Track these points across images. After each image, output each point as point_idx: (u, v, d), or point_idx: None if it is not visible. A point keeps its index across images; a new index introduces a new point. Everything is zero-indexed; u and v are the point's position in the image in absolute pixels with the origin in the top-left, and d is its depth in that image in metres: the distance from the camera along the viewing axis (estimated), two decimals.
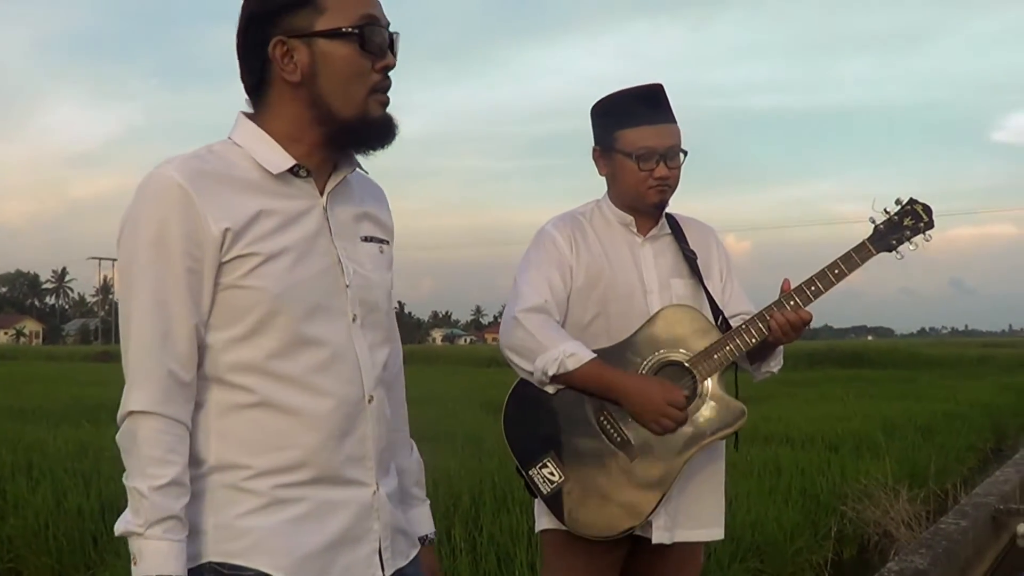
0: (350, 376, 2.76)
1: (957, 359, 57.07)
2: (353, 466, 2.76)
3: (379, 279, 2.92)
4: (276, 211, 2.67)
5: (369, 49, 2.70)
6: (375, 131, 2.77)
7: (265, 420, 2.66)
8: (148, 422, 2.54)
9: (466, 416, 18.73)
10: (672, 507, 4.28)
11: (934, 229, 4.32)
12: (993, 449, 19.51)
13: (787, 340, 4.22)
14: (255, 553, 2.62)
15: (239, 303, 2.62)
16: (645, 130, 4.28)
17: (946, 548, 8.81)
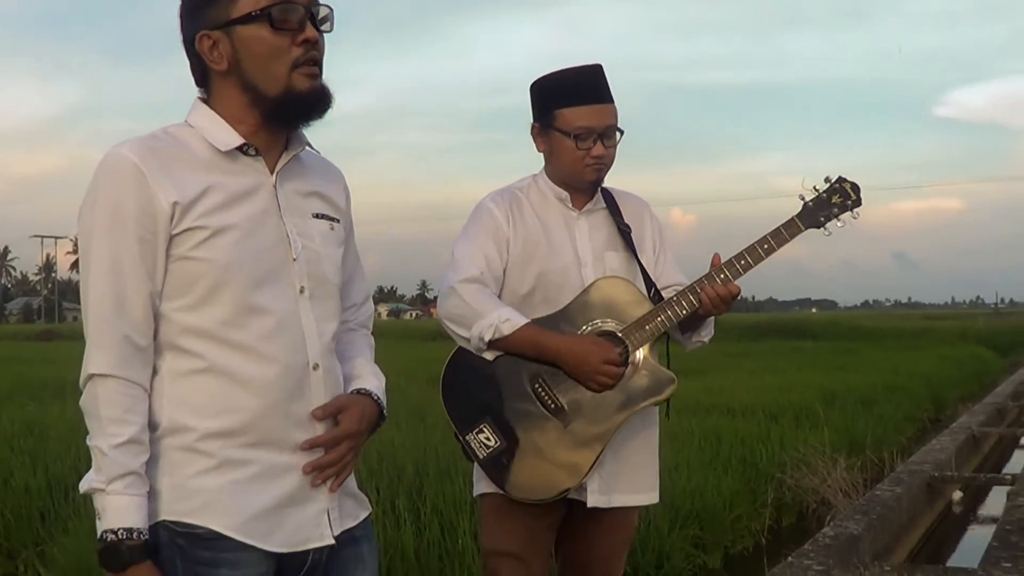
0: (295, 345, 2.90)
1: (899, 331, 57.47)
2: (300, 430, 2.90)
3: (329, 254, 3.05)
4: (224, 187, 2.82)
5: (281, 27, 2.83)
6: (305, 104, 2.90)
7: (214, 385, 2.80)
8: (107, 384, 2.70)
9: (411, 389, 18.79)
10: (607, 472, 4.40)
11: (861, 207, 4.44)
12: (931, 419, 19.74)
13: (717, 312, 4.35)
14: (206, 512, 2.76)
15: (189, 273, 2.77)
16: (583, 110, 4.37)
17: (880, 514, 8.97)
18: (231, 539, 2.78)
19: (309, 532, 2.91)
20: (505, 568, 4.46)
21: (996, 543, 7.93)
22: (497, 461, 4.27)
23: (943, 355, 33.60)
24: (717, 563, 9.60)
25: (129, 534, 2.66)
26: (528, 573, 4.45)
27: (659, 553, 8.17)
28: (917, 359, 31.27)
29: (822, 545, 7.67)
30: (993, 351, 42.82)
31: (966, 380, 27.60)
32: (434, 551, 7.58)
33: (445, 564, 7.41)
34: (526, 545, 4.44)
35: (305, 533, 2.90)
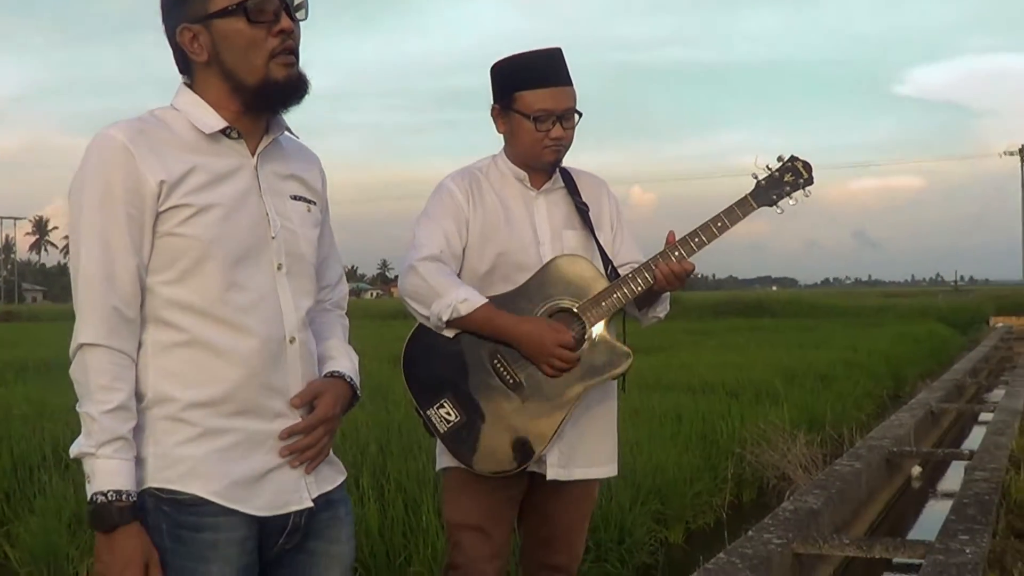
0: (273, 318, 3.06)
1: (858, 309, 57.89)
2: (277, 399, 3.06)
3: (305, 234, 3.22)
4: (208, 168, 2.98)
5: (257, 19, 2.99)
6: (282, 91, 3.07)
7: (196, 357, 2.96)
8: (96, 353, 2.84)
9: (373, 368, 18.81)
10: (566, 446, 4.50)
11: (813, 185, 4.55)
12: (891, 395, 19.80)
13: (671, 288, 4.44)
14: (190, 479, 2.92)
15: (174, 249, 2.93)
16: (543, 92, 4.45)
17: (839, 489, 9.06)
18: (214, 504, 2.93)
19: (289, 496, 3.07)
20: (468, 540, 4.56)
21: (953, 516, 8.02)
22: (457, 435, 4.38)
23: (902, 332, 33.78)
24: (679, 538, 9.66)
25: (118, 496, 2.80)
26: (491, 545, 4.56)
27: (621, 528, 8.22)
28: (876, 336, 31.44)
29: (782, 519, 7.75)
30: (952, 328, 43.10)
31: (925, 357, 27.77)
32: (398, 528, 7.63)
33: (409, 540, 7.46)
34: (488, 518, 4.54)
35: (285, 497, 3.06)
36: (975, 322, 51.77)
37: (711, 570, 6.32)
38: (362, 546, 7.48)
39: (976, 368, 24.32)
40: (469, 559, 4.56)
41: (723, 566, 6.40)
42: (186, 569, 2.91)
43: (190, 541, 2.91)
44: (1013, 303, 63.37)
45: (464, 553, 4.57)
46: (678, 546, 9.55)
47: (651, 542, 8.81)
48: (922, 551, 7.24)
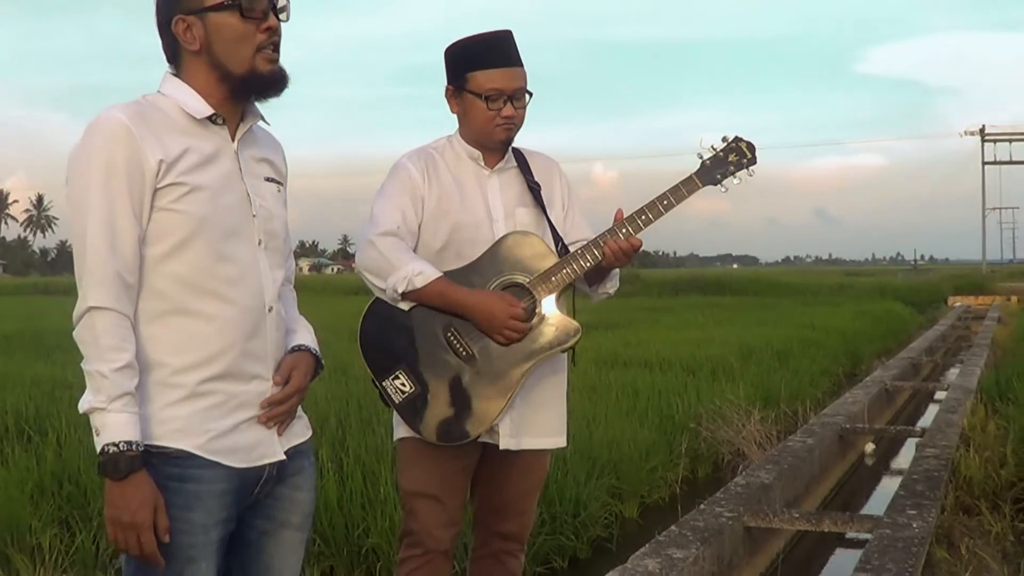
0: (255, 289, 3.35)
1: (818, 287, 58.12)
2: (256, 363, 3.35)
3: (278, 212, 3.52)
4: (199, 149, 3.25)
5: (249, 16, 3.26)
6: (265, 83, 3.36)
7: (185, 324, 3.24)
8: (104, 316, 3.09)
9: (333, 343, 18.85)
10: (517, 417, 4.66)
11: (756, 165, 4.71)
12: (847, 373, 19.95)
13: (619, 264, 4.59)
14: (177, 435, 3.21)
15: (169, 223, 3.18)
16: (494, 72, 4.60)
17: (792, 464, 9.19)
18: (199, 457, 3.22)
19: (264, 450, 3.37)
20: (423, 508, 4.71)
21: (902, 492, 8.15)
22: (412, 406, 4.53)
23: (860, 311, 33.98)
24: (633, 512, 9.75)
25: (129, 446, 3.07)
26: (445, 512, 4.71)
27: (576, 502, 8.30)
28: (834, 315, 31.65)
29: (734, 493, 7.88)
30: (910, 307, 43.27)
31: (882, 336, 27.90)
32: (357, 500, 7.70)
33: (367, 512, 7.54)
34: (443, 486, 4.70)
35: (261, 451, 3.36)
36: (933, 301, 52.04)
37: (662, 542, 6.45)
38: (321, 518, 7.57)
39: (932, 347, 24.48)
40: (424, 526, 4.71)
41: (674, 538, 6.53)
42: (171, 517, 3.14)
43: (176, 491, 3.17)
44: (971, 283, 63.77)
45: (419, 520, 4.72)
46: (632, 520, 9.64)
47: (606, 516, 8.90)
48: (870, 525, 7.38)
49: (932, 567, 7.26)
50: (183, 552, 3.18)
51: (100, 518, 7.51)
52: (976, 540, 7.93)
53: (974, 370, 17.34)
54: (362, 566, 7.46)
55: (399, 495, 5.04)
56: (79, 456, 8.71)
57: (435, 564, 4.74)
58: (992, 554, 7.62)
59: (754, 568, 7.75)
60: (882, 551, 6.44)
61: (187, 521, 3.18)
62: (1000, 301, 50.81)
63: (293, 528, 3.53)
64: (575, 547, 8.21)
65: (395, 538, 5.88)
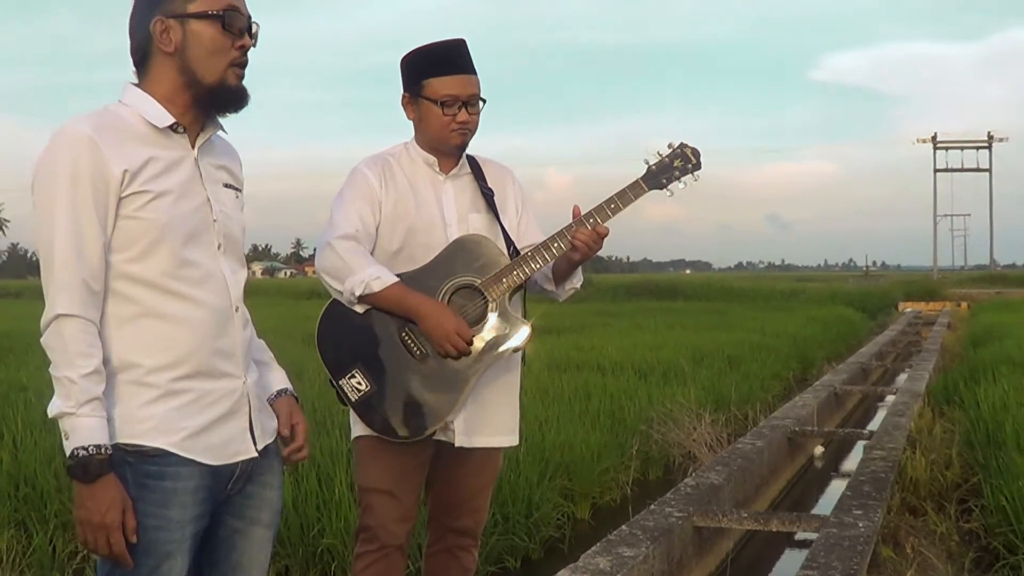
0: (220, 291, 3.45)
1: (770, 293, 58.23)
2: (225, 362, 3.45)
3: (236, 217, 3.61)
4: (161, 158, 3.33)
5: (230, 30, 3.38)
6: (231, 97, 3.47)
7: (155, 327, 3.32)
8: (72, 323, 3.17)
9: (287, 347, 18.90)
10: (470, 415, 4.80)
11: (701, 170, 4.87)
12: (797, 378, 20.02)
13: (590, 253, 4.75)
14: (153, 434, 3.28)
15: (133, 230, 3.26)
16: (449, 79, 4.74)
17: (741, 466, 9.30)
18: (174, 455, 3.30)
19: (237, 447, 3.46)
20: (379, 504, 4.82)
21: (849, 493, 8.27)
22: (368, 404, 4.65)
23: (811, 316, 34.06)
24: (585, 513, 9.83)
25: (98, 450, 3.13)
26: (400, 508, 4.83)
27: (529, 503, 8.38)
28: (785, 320, 31.74)
29: (684, 494, 7.99)
30: (861, 312, 43.40)
31: (833, 340, 27.99)
32: (312, 501, 7.75)
33: (323, 513, 7.59)
34: (398, 482, 4.81)
35: (234, 448, 3.45)
36: (884, 307, 52.32)
37: (613, 541, 6.54)
38: None
39: (883, 351, 24.68)
40: (379, 521, 4.82)
41: (625, 537, 6.63)
42: (148, 513, 3.24)
43: (153, 488, 3.26)
44: (922, 288, 64.27)
45: (375, 516, 4.83)
46: (584, 521, 9.72)
47: (558, 517, 8.97)
48: (817, 525, 7.50)
49: (878, 566, 7.37)
50: (160, 548, 3.25)
51: (57, 520, 7.59)
52: (921, 539, 8.04)
53: (923, 374, 17.51)
54: (317, 566, 7.52)
55: (355, 491, 5.14)
56: (35, 459, 8.73)
57: (390, 559, 4.85)
58: (937, 553, 7.74)
59: (704, 567, 7.86)
60: (828, 550, 6.55)
61: (164, 518, 3.26)
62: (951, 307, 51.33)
63: (263, 526, 3.63)
64: (528, 547, 8.29)
65: (350, 538, 5.95)
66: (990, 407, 11.14)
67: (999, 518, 7.83)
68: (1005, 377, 13.27)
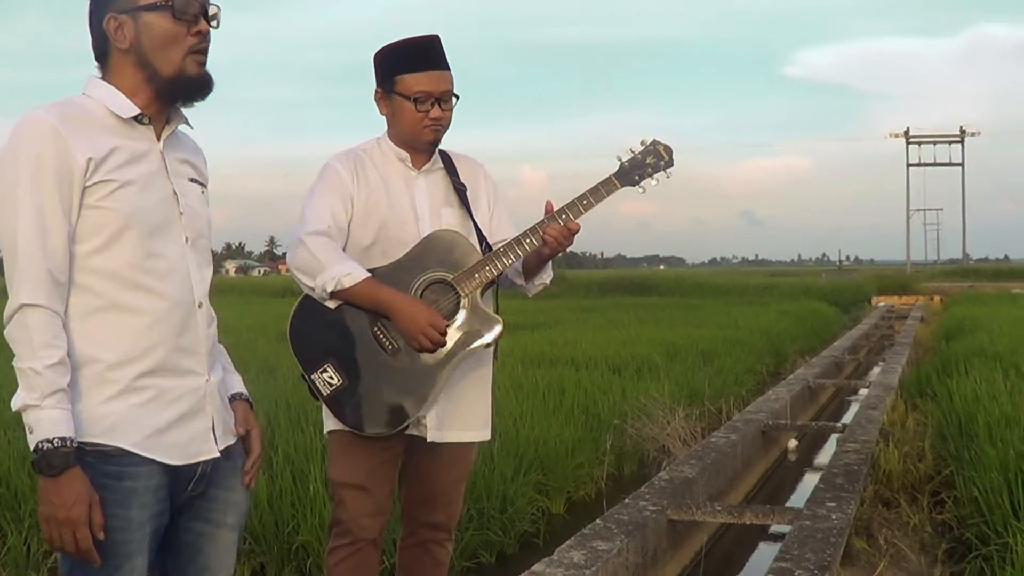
0: (184, 285, 3.39)
1: (743, 288, 58.36)
2: (188, 358, 3.40)
3: (202, 212, 3.56)
4: (126, 148, 3.28)
5: (181, 18, 3.31)
6: (192, 85, 3.41)
7: (117, 320, 3.26)
8: (36, 313, 3.12)
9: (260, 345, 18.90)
10: (442, 410, 4.82)
11: (674, 168, 4.90)
12: (771, 372, 20.06)
13: (561, 248, 4.77)
14: (113, 432, 3.23)
15: (98, 220, 3.21)
16: (422, 75, 4.75)
17: (715, 459, 9.33)
18: (135, 454, 3.26)
19: (199, 447, 3.42)
20: (351, 497, 4.84)
21: (822, 485, 8.30)
22: (340, 398, 4.67)
23: (785, 311, 34.10)
24: (560, 508, 9.85)
25: (63, 442, 3.08)
26: (373, 502, 4.85)
27: (503, 498, 8.39)
28: (759, 314, 31.76)
29: (657, 487, 8.01)
30: (834, 307, 43.53)
31: (806, 335, 28.05)
32: (286, 498, 7.75)
33: (297, 510, 7.60)
34: (370, 476, 4.83)
35: (196, 447, 3.40)
36: (857, 301, 52.45)
37: (587, 535, 6.56)
38: (251, 516, 7.61)
39: (856, 345, 24.78)
40: (352, 516, 4.84)
41: (599, 531, 6.65)
42: (109, 514, 3.17)
43: (114, 489, 3.19)
44: (895, 282, 64.35)
45: (348, 510, 4.85)
46: (559, 516, 9.74)
47: (532, 511, 8.99)
48: (790, 517, 7.54)
49: (851, 557, 7.41)
50: (121, 549, 3.20)
51: (32, 519, 7.57)
52: (894, 531, 8.08)
53: (896, 368, 17.56)
54: (292, 563, 7.53)
55: (328, 486, 5.15)
56: (9, 457, 8.69)
57: (364, 553, 4.87)
58: (910, 545, 7.77)
59: (678, 561, 7.89)
60: (801, 542, 6.58)
61: (124, 518, 3.20)
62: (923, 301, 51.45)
63: (229, 528, 3.58)
64: (503, 542, 8.31)
65: (324, 534, 5.96)
66: (962, 399, 11.18)
67: (971, 509, 7.86)
68: (977, 370, 13.33)
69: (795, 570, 5.99)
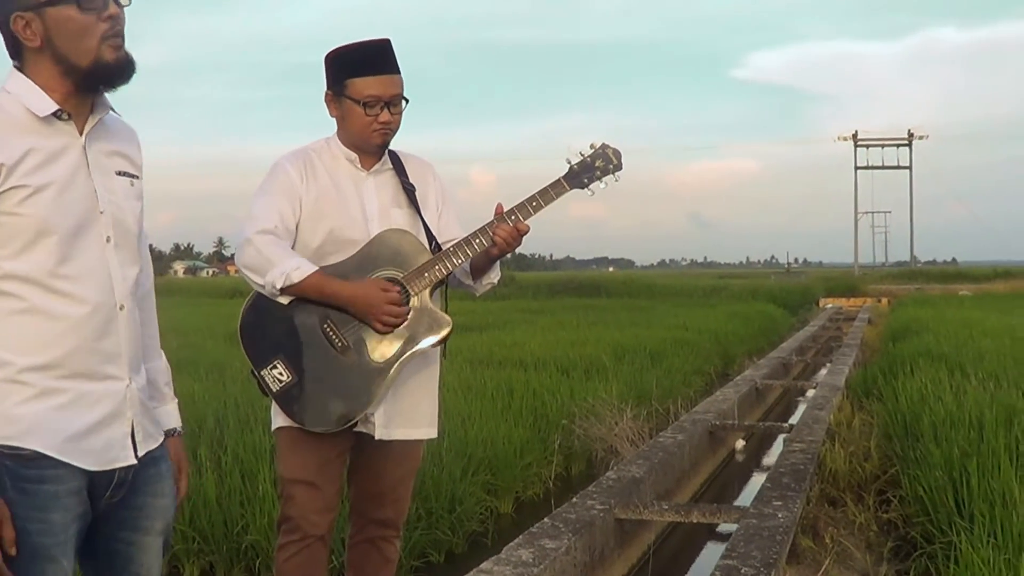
0: (104, 287, 3.26)
1: (692, 289, 58.52)
2: (108, 363, 3.27)
3: (130, 208, 3.41)
4: (42, 149, 3.16)
5: (87, 7, 3.18)
6: (113, 72, 3.28)
7: (33, 323, 3.14)
8: None
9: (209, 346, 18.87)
10: (390, 407, 4.84)
11: (622, 171, 4.94)
12: (719, 373, 20.15)
13: (509, 249, 4.80)
14: (29, 435, 3.11)
15: (12, 227, 3.11)
16: (372, 79, 4.76)
17: (662, 459, 9.38)
18: (52, 458, 3.14)
19: (117, 453, 3.30)
20: (300, 494, 4.86)
21: (769, 484, 8.36)
22: (289, 394, 4.68)
23: (733, 312, 34.25)
24: (508, 508, 9.90)
25: None
26: (321, 498, 4.86)
27: (452, 498, 8.42)
28: (707, 316, 31.89)
29: (605, 487, 8.05)
30: (783, 308, 43.74)
31: (754, 336, 28.20)
32: (235, 497, 7.76)
33: (246, 509, 7.61)
34: (319, 473, 4.84)
35: (113, 454, 3.29)
36: (806, 303, 52.79)
37: (535, 533, 6.59)
38: (200, 516, 7.64)
39: (803, 347, 24.93)
40: (301, 512, 4.85)
41: (547, 530, 6.68)
42: (30, 518, 3.09)
43: (33, 493, 3.11)
44: (843, 284, 64.92)
45: (297, 506, 4.86)
46: (508, 515, 9.80)
47: (481, 511, 9.03)
48: (737, 515, 7.59)
49: (797, 556, 7.46)
50: (44, 552, 3.12)
51: None
52: (840, 530, 8.13)
53: (843, 369, 17.67)
54: (241, 563, 7.54)
55: (277, 484, 5.16)
56: None
57: (312, 549, 4.88)
58: (856, 543, 7.83)
59: (626, 560, 7.94)
60: (748, 539, 6.63)
61: (46, 522, 3.12)
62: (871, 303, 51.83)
63: (157, 534, 3.51)
64: (451, 542, 8.35)
65: (273, 534, 5.97)
66: (908, 400, 11.26)
67: (917, 508, 7.93)
68: (923, 370, 13.43)
69: (741, 567, 6.04)
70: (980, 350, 15.94)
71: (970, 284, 70.29)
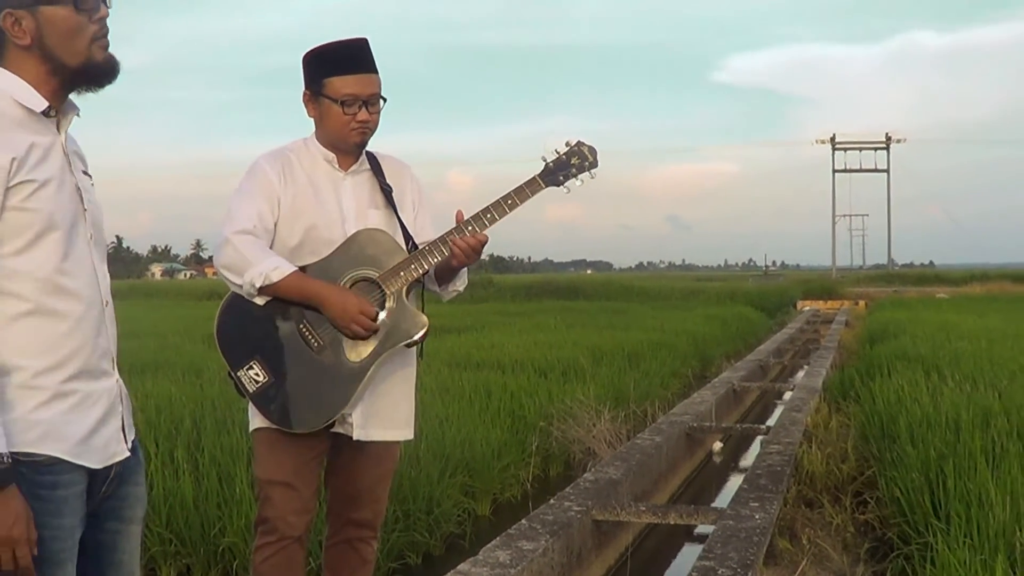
0: (93, 284, 3.30)
1: (670, 292, 58.46)
2: (104, 360, 3.34)
3: (99, 206, 3.44)
4: (40, 144, 3.18)
5: (83, 8, 3.20)
6: (102, 72, 3.31)
7: (40, 325, 3.14)
8: None
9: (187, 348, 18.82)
10: (367, 408, 4.84)
11: (598, 168, 4.95)
12: (696, 375, 20.18)
13: (469, 261, 4.79)
14: (44, 441, 3.13)
15: (20, 222, 3.10)
16: (350, 79, 4.76)
17: (640, 461, 9.40)
18: (65, 462, 3.16)
19: (115, 448, 3.35)
20: (277, 495, 4.85)
21: (746, 486, 8.39)
22: (265, 395, 4.68)
23: (711, 315, 34.24)
24: (486, 510, 9.90)
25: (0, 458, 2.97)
26: (299, 499, 4.86)
27: (429, 499, 8.42)
28: (685, 318, 31.88)
29: (582, 488, 8.07)
30: (760, 311, 43.76)
31: (732, 338, 28.26)
32: (213, 499, 7.75)
33: (223, 511, 7.59)
34: (296, 474, 4.84)
35: (112, 449, 3.34)
36: (783, 305, 52.85)
37: (513, 534, 6.61)
38: (177, 518, 7.62)
39: (781, 349, 24.98)
40: (278, 513, 4.85)
41: (524, 531, 6.69)
42: (44, 525, 3.09)
43: (47, 499, 3.11)
44: (820, 287, 65.07)
45: (274, 507, 4.85)
46: (485, 517, 9.80)
47: (459, 513, 9.03)
48: (714, 517, 7.61)
49: (774, 557, 7.47)
50: (55, 558, 3.13)
51: None
52: (817, 531, 8.16)
53: (820, 371, 17.74)
54: (218, 565, 7.52)
55: (254, 485, 5.15)
56: None
57: (289, 550, 4.88)
58: (832, 544, 7.85)
59: (604, 561, 7.95)
60: (725, 541, 6.65)
61: (58, 528, 3.13)
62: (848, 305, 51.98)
63: (137, 522, 3.54)
64: (429, 543, 8.35)
65: (250, 536, 5.96)
66: (885, 402, 11.30)
67: (893, 509, 7.96)
68: (899, 372, 13.47)
69: (719, 568, 6.06)
70: (956, 352, 15.99)
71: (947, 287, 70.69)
